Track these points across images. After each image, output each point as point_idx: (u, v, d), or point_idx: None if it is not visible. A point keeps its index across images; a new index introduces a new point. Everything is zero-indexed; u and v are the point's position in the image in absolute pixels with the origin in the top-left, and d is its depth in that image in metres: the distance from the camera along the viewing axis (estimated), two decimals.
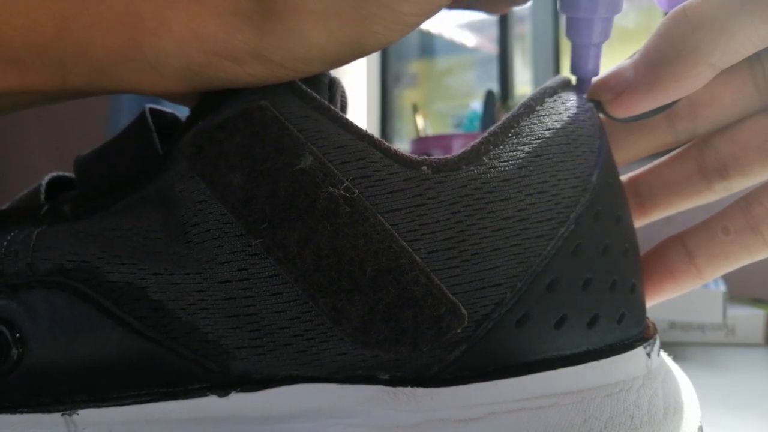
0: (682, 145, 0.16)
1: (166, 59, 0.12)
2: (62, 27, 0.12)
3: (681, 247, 0.15)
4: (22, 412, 0.13)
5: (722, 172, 0.15)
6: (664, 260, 0.15)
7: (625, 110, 0.14)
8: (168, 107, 0.16)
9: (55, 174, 0.16)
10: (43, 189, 0.15)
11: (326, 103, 0.13)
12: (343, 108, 0.15)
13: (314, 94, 0.13)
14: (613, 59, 0.15)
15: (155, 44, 0.12)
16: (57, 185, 0.16)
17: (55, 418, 0.13)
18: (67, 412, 0.13)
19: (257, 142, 0.12)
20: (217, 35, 0.12)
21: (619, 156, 0.15)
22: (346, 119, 0.13)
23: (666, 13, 0.14)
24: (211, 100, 0.13)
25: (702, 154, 0.15)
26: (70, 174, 0.16)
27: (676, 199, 0.16)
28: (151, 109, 0.15)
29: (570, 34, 0.14)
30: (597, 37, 0.14)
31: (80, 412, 0.13)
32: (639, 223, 0.16)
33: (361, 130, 0.12)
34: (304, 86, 0.13)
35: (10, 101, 0.14)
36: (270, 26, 0.12)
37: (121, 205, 0.13)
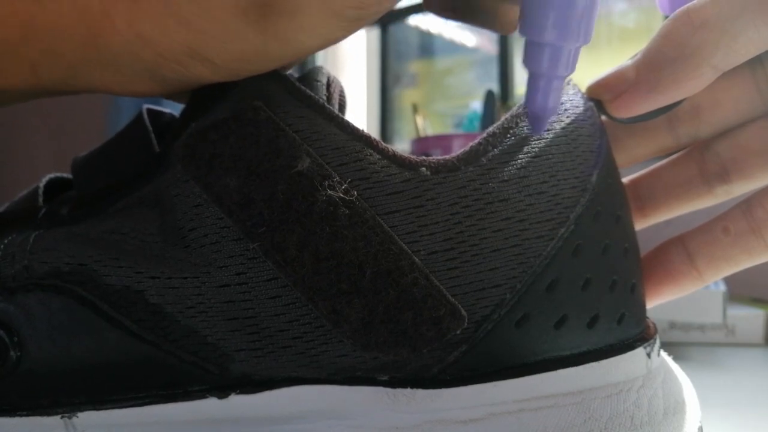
0: (683, 148, 0.16)
1: (121, 58, 0.12)
2: (27, 27, 0.12)
3: (682, 249, 0.15)
4: (21, 415, 0.13)
5: (723, 176, 0.15)
6: (665, 262, 0.15)
7: (625, 111, 0.14)
8: (166, 107, 0.15)
9: (53, 175, 0.16)
10: (41, 191, 0.15)
11: (322, 101, 0.13)
12: (342, 107, 0.15)
13: (309, 93, 0.13)
14: (613, 59, 0.15)
15: (107, 43, 0.12)
16: (55, 187, 0.16)
17: (55, 420, 0.13)
18: (67, 414, 0.13)
19: (252, 144, 0.12)
20: (153, 36, 0.12)
21: (620, 158, 0.15)
22: (343, 119, 0.12)
23: (667, 17, 0.14)
24: (203, 99, 0.13)
25: (703, 158, 0.15)
26: (69, 175, 0.16)
27: (677, 203, 0.16)
28: (148, 110, 0.15)
29: (529, 61, 0.12)
30: (563, 69, 0.12)
31: (80, 414, 0.13)
32: (639, 225, 0.16)
33: (357, 130, 0.12)
34: (298, 84, 0.13)
35: None
36: (204, 26, 0.12)
37: (118, 207, 0.13)
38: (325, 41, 0.12)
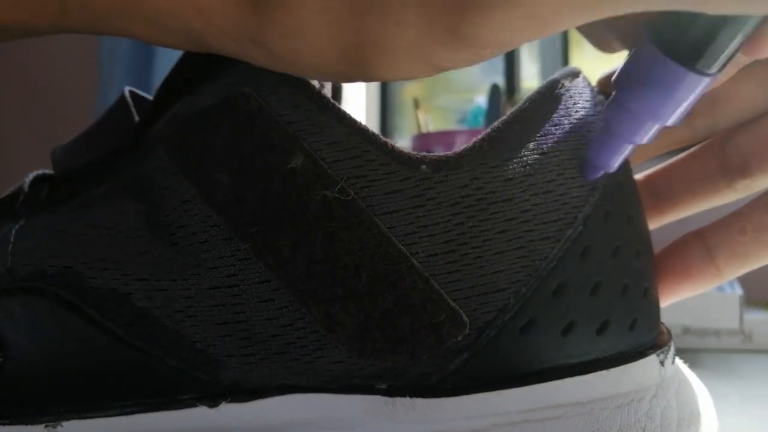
0: (700, 141, 0.15)
1: (164, 19, 0.11)
2: None
3: (701, 244, 0.15)
4: (3, 424, 0.12)
5: (744, 169, 0.14)
6: (683, 259, 0.15)
7: None
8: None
9: (39, 172, 0.15)
10: (26, 188, 0.15)
11: (317, 89, 0.12)
12: (337, 92, 0.14)
13: (304, 79, 0.12)
14: (620, 54, 0.14)
15: (153, 3, 0.11)
16: (41, 183, 0.15)
17: (38, 429, 0.12)
18: (51, 423, 0.12)
19: (244, 137, 0.11)
20: (215, 7, 0.11)
21: (634, 153, 0.15)
22: (340, 109, 0.12)
23: None
24: (189, 76, 0.12)
25: (723, 152, 0.15)
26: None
27: (695, 199, 0.15)
28: (132, 92, 0.14)
29: (611, 117, 0.12)
30: (639, 138, 0.12)
31: (64, 423, 0.12)
32: (656, 224, 0.16)
33: (355, 122, 0.12)
34: None
35: (5, 32, 0.13)
36: (270, 15, 0.11)
37: (100, 191, 0.12)
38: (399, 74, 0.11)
